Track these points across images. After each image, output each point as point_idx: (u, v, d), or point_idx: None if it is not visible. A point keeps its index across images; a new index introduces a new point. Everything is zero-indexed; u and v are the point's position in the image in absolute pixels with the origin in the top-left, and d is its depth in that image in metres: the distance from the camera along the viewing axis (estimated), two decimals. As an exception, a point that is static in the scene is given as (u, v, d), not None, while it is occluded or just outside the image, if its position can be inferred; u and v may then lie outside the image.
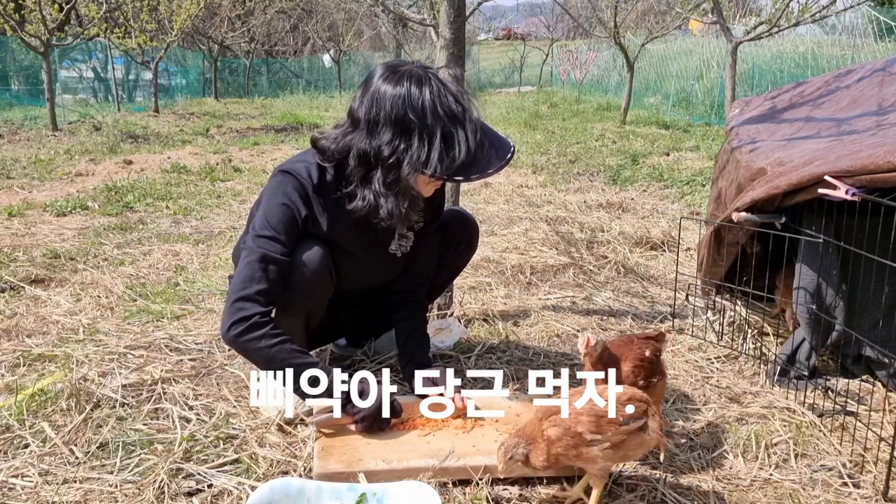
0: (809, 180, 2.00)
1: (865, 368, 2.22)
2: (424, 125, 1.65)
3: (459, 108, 1.68)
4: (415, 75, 1.69)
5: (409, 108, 1.66)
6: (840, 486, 1.66)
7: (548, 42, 25.27)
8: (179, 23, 12.91)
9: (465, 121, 1.68)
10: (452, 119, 1.67)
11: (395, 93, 1.67)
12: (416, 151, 1.66)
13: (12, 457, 1.71)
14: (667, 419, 1.69)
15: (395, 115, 1.66)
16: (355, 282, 2.00)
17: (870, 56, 10.09)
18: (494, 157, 1.70)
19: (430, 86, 1.67)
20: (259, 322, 1.67)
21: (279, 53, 27.71)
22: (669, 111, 12.98)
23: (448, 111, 1.66)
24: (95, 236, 3.94)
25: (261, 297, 1.69)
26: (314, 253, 1.80)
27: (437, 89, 1.68)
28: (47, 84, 9.43)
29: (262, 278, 1.70)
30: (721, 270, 2.65)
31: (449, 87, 1.70)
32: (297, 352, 1.71)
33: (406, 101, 1.66)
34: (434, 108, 1.66)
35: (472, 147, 1.67)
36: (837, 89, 2.87)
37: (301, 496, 1.45)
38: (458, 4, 2.51)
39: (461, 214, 2.24)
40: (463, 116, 1.68)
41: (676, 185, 5.66)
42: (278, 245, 1.74)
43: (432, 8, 6.04)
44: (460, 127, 1.67)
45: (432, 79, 1.69)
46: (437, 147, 1.65)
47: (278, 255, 1.73)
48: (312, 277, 1.80)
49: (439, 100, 1.66)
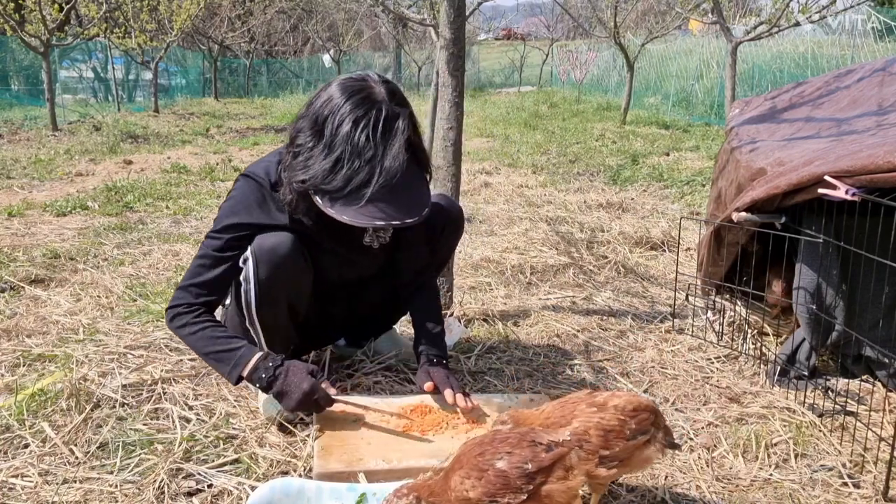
0: (809, 180, 2.00)
1: (865, 368, 2.22)
2: (334, 137, 1.63)
3: (369, 148, 1.61)
4: (365, 99, 1.65)
5: (331, 117, 1.64)
6: (840, 486, 1.66)
7: (548, 42, 25.28)
8: (179, 23, 12.92)
9: (364, 159, 1.61)
10: (354, 150, 1.61)
11: (336, 99, 1.66)
12: (310, 152, 1.66)
13: (12, 457, 1.71)
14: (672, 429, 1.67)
15: (320, 115, 1.66)
16: (335, 274, 2.00)
17: (870, 56, 10.09)
18: (380, 212, 1.61)
19: (367, 115, 1.63)
20: (183, 312, 1.77)
21: (279, 53, 27.71)
22: (669, 111, 12.99)
23: (356, 142, 1.61)
24: (95, 236, 3.94)
25: (193, 288, 1.79)
26: (280, 239, 1.79)
27: (368, 121, 1.62)
28: (47, 84, 9.43)
29: (196, 273, 1.80)
30: (721, 270, 2.65)
31: (380, 127, 1.63)
32: (216, 338, 1.76)
33: (336, 110, 1.64)
34: (349, 131, 1.62)
35: (353, 185, 1.60)
36: (837, 89, 2.87)
37: (301, 496, 1.45)
38: (458, 4, 2.51)
39: (441, 200, 2.21)
40: (366, 155, 1.61)
41: (676, 185, 5.67)
42: (219, 242, 1.79)
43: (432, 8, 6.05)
44: (357, 160, 1.61)
45: (376, 113, 1.64)
46: (327, 162, 1.62)
47: (216, 252, 1.79)
48: (283, 263, 1.78)
49: (358, 127, 1.62)
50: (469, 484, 1.36)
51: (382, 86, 1.69)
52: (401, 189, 1.62)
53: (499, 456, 1.37)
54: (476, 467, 1.37)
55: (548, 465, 1.36)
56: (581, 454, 1.39)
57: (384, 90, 1.68)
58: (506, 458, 1.36)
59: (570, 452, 1.38)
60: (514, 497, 1.34)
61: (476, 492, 1.35)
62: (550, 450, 1.37)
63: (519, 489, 1.34)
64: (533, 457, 1.36)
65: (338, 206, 1.61)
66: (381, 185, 1.60)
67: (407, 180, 1.64)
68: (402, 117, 1.66)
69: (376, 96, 1.66)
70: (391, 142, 1.62)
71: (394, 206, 1.62)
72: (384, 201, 1.61)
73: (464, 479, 1.36)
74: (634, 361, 2.38)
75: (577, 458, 1.38)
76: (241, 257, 1.80)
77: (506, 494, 1.34)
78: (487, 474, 1.36)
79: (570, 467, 1.37)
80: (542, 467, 1.35)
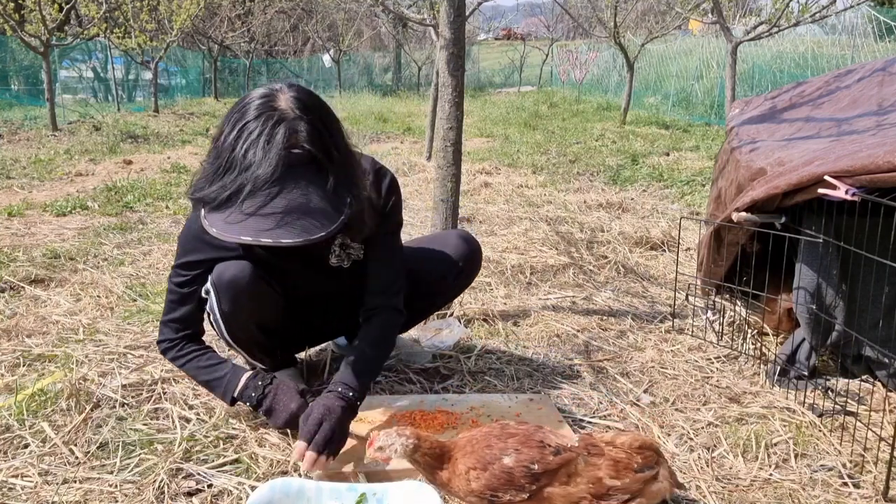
0: (809, 180, 2.00)
1: (865, 368, 2.22)
2: (221, 145, 1.47)
3: (246, 158, 1.42)
4: (259, 107, 1.47)
5: (226, 125, 1.49)
6: (840, 486, 1.66)
7: (548, 42, 25.27)
8: (179, 23, 12.91)
9: (240, 168, 1.42)
10: (233, 159, 1.43)
11: (236, 108, 1.51)
12: (206, 162, 1.52)
13: (12, 457, 1.71)
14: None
15: (221, 125, 1.52)
16: (307, 291, 1.96)
17: (870, 56, 10.09)
18: (251, 229, 1.38)
19: (253, 123, 1.45)
20: (168, 346, 1.82)
21: (279, 53, 27.71)
22: (669, 111, 12.99)
23: (236, 151, 1.43)
24: (95, 236, 3.94)
25: (172, 324, 1.81)
26: (238, 270, 1.74)
27: (252, 130, 1.44)
28: (47, 84, 9.43)
29: (170, 309, 1.81)
30: (721, 270, 2.65)
31: (262, 135, 1.43)
32: (203, 368, 1.81)
33: (229, 119, 1.49)
34: (233, 140, 1.45)
35: (224, 194, 1.41)
36: (837, 89, 2.87)
37: (301, 496, 1.45)
38: (458, 4, 2.51)
39: (465, 240, 2.13)
40: (243, 164, 1.42)
41: (676, 185, 5.67)
42: (181, 279, 1.79)
43: (432, 8, 6.06)
44: (234, 169, 1.42)
45: (264, 120, 1.45)
46: (210, 170, 1.47)
47: (180, 289, 1.79)
48: (244, 294, 1.75)
49: (242, 136, 1.44)
50: (473, 475, 1.37)
51: (289, 92, 1.51)
52: (286, 206, 1.39)
53: (507, 452, 1.38)
54: (482, 459, 1.38)
55: (554, 468, 1.36)
56: (588, 460, 1.39)
57: (289, 97, 1.49)
58: (513, 456, 1.37)
59: (577, 458, 1.38)
60: (516, 495, 1.35)
61: (479, 483, 1.36)
62: (558, 453, 1.37)
63: (521, 488, 1.35)
64: (540, 458, 1.37)
65: (211, 217, 1.43)
66: (250, 196, 1.39)
67: (297, 198, 1.41)
68: (287, 126, 1.44)
69: (275, 103, 1.48)
70: (269, 152, 1.41)
71: (271, 223, 1.38)
72: (261, 217, 1.38)
73: (469, 468, 1.37)
74: (634, 361, 2.38)
75: (583, 465, 1.38)
76: (204, 289, 1.79)
77: (508, 491, 1.35)
78: (493, 468, 1.36)
79: (574, 473, 1.37)
80: (548, 470, 1.36)
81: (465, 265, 2.12)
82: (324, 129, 1.50)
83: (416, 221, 4.36)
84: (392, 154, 7.60)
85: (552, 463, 1.36)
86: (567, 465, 1.37)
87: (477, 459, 1.37)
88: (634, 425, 1.94)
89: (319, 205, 1.43)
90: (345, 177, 1.51)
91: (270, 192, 1.40)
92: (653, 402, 2.08)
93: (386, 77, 27.12)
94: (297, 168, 1.43)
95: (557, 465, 1.36)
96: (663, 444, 1.84)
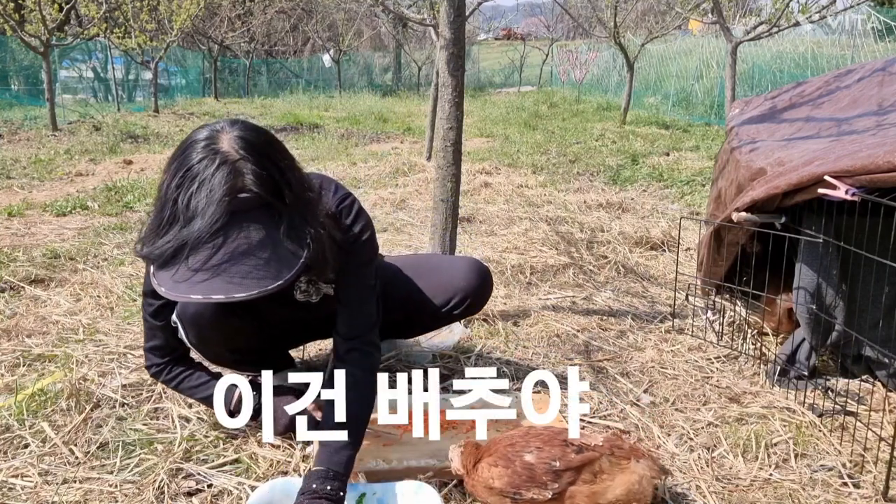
0: (809, 180, 2.00)
1: (865, 368, 2.22)
2: (165, 195, 1.33)
3: (187, 209, 1.28)
4: (203, 149, 1.32)
5: (168, 172, 1.36)
6: (840, 486, 1.66)
7: (548, 42, 25.26)
8: (179, 23, 12.90)
9: (184, 220, 1.28)
10: (173, 210, 1.30)
11: (177, 152, 1.37)
12: (156, 203, 1.38)
13: (12, 457, 1.71)
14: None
15: (171, 164, 1.37)
16: (277, 320, 1.95)
17: (870, 56, 10.09)
18: (204, 286, 1.25)
19: (193, 169, 1.30)
20: (156, 371, 1.84)
21: (279, 53, 27.70)
22: (669, 111, 12.98)
23: (177, 202, 1.30)
24: (95, 236, 3.94)
25: (154, 350, 1.82)
26: (201, 304, 1.70)
27: (194, 178, 1.30)
28: (47, 84, 9.42)
29: (149, 337, 1.81)
30: (721, 270, 2.65)
31: (216, 190, 1.28)
32: (194, 388, 1.82)
33: (170, 165, 1.36)
34: (178, 188, 1.31)
35: (170, 251, 1.28)
36: (837, 89, 2.87)
37: (301, 496, 1.45)
38: (457, 4, 2.51)
39: (476, 269, 2.04)
40: (186, 216, 1.28)
41: (676, 185, 5.67)
42: (151, 308, 1.77)
43: (432, 8, 6.06)
44: (175, 222, 1.29)
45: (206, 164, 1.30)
46: (154, 224, 1.34)
47: (153, 319, 1.78)
48: (208, 328, 1.76)
49: (182, 186, 1.30)
50: (496, 472, 1.37)
51: (232, 131, 1.35)
52: (233, 256, 1.27)
53: (528, 449, 1.39)
54: (504, 457, 1.39)
55: (576, 465, 1.36)
56: (613, 460, 1.39)
57: (232, 137, 1.34)
58: (535, 453, 1.38)
59: (601, 458, 1.38)
60: (539, 493, 1.34)
61: (502, 482, 1.36)
62: (581, 452, 1.38)
63: (544, 485, 1.35)
64: (562, 455, 1.37)
65: (159, 276, 1.30)
66: (195, 251, 1.27)
67: (244, 247, 1.28)
68: (231, 169, 1.30)
69: (216, 145, 1.33)
70: (213, 200, 1.27)
71: (221, 278, 1.25)
72: (208, 271, 1.26)
73: (491, 466, 1.38)
74: (634, 361, 2.38)
75: (607, 464, 1.38)
76: (172, 320, 1.78)
77: (531, 489, 1.35)
78: (514, 465, 1.37)
79: (598, 472, 1.37)
80: (571, 467, 1.36)
81: (474, 298, 2.04)
82: (272, 168, 1.35)
83: (416, 221, 4.36)
84: (392, 154, 7.60)
85: (574, 461, 1.36)
86: (591, 464, 1.37)
87: (498, 457, 1.39)
88: (634, 425, 1.94)
89: (273, 251, 1.30)
90: (300, 217, 1.37)
91: (216, 243, 1.26)
92: (653, 402, 2.08)
93: (386, 77, 27.12)
94: (245, 213, 1.29)
95: (580, 462, 1.36)
96: (663, 444, 1.85)
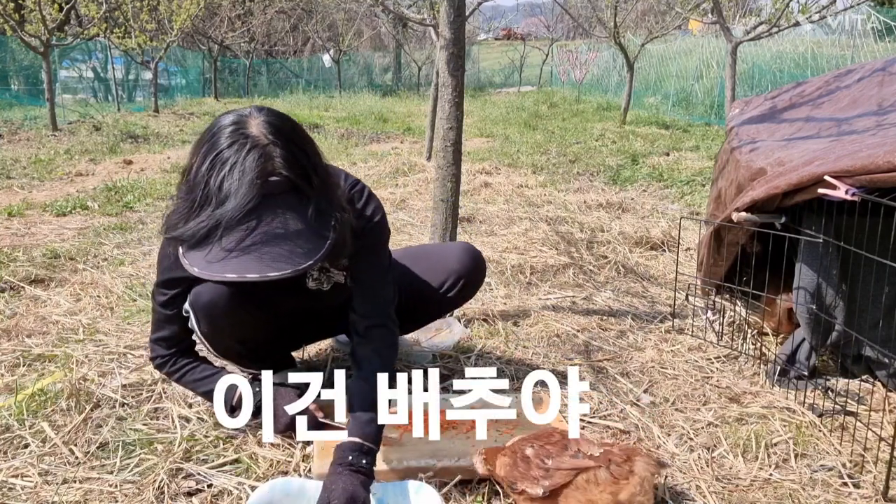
0: (809, 180, 2.00)
1: (865, 368, 2.22)
2: (194, 178, 1.37)
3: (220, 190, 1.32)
4: (231, 134, 1.37)
5: (196, 155, 1.38)
6: (840, 486, 1.66)
7: (548, 42, 25.26)
8: (179, 23, 12.90)
9: (216, 202, 1.31)
10: (206, 192, 1.33)
11: (206, 136, 1.41)
12: (178, 196, 1.42)
13: (12, 457, 1.71)
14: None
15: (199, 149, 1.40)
16: (289, 309, 1.94)
17: (870, 56, 10.09)
18: (234, 266, 1.28)
19: (225, 153, 1.34)
20: (161, 363, 1.85)
21: (279, 53, 27.70)
22: (669, 111, 12.99)
23: (210, 183, 1.33)
24: (95, 236, 3.94)
25: (161, 342, 1.82)
26: (214, 293, 1.72)
27: (226, 160, 1.33)
28: (47, 84, 9.42)
29: (157, 328, 1.82)
30: (721, 270, 2.65)
31: (234, 166, 1.33)
32: (198, 381, 1.83)
33: (199, 148, 1.39)
34: (205, 172, 1.34)
35: (203, 231, 1.31)
36: (837, 89, 2.87)
37: (301, 496, 1.45)
38: (457, 4, 2.51)
39: (468, 251, 2.09)
40: (219, 198, 1.32)
41: (676, 185, 5.67)
42: (163, 298, 1.78)
43: (432, 8, 6.06)
44: (208, 203, 1.33)
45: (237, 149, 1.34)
46: (185, 206, 1.36)
47: (164, 309, 1.79)
48: (221, 317, 1.75)
49: (215, 168, 1.33)
50: (504, 461, 1.46)
51: (259, 116, 1.41)
52: (268, 238, 1.31)
53: (531, 445, 1.45)
54: (513, 449, 1.48)
55: (566, 468, 1.38)
56: (614, 470, 1.40)
57: (260, 122, 1.39)
58: (535, 448, 1.44)
59: (599, 469, 1.39)
60: (531, 487, 1.38)
61: (505, 471, 1.45)
62: (576, 457, 1.40)
63: (535, 480, 1.38)
64: (557, 455, 1.41)
65: (190, 256, 1.33)
66: (228, 232, 1.30)
67: (278, 228, 1.32)
68: (261, 153, 1.34)
69: (246, 130, 1.37)
70: (245, 182, 1.32)
71: (254, 257, 1.29)
72: (242, 251, 1.29)
73: (502, 455, 1.46)
74: (634, 361, 2.38)
75: (604, 475, 1.39)
76: (184, 309, 1.78)
77: (524, 482, 1.39)
78: (516, 457, 1.45)
79: (593, 481, 1.39)
80: (561, 468, 1.38)
81: (467, 278, 2.08)
82: (300, 153, 1.40)
83: (416, 221, 4.36)
84: (392, 154, 7.60)
85: (566, 463, 1.39)
86: (587, 472, 1.39)
87: (510, 449, 1.48)
88: (634, 425, 1.94)
89: (303, 233, 1.34)
90: (326, 201, 1.42)
91: (249, 224, 1.30)
92: (653, 402, 2.08)
93: (386, 77, 27.11)
94: (275, 196, 1.34)
95: (570, 466, 1.38)
96: (663, 444, 1.85)
